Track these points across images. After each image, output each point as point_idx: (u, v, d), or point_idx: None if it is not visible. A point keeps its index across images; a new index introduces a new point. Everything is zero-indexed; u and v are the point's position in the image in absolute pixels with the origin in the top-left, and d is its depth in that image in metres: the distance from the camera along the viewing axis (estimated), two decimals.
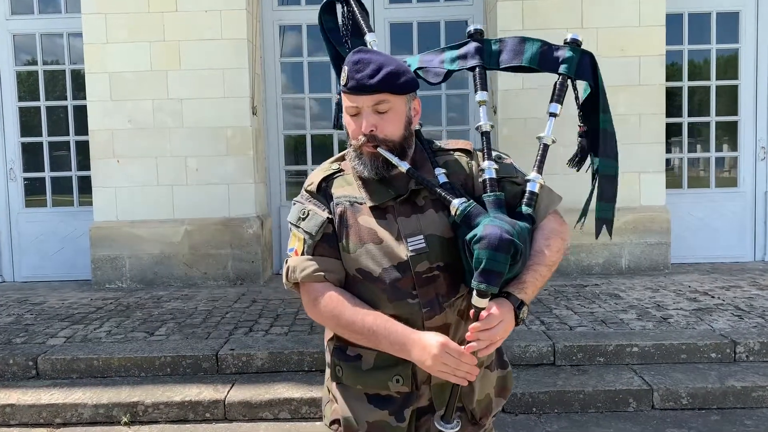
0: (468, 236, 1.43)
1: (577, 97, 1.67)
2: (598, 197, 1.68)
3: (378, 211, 1.57)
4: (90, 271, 6.09)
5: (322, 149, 6.74)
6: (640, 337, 4.01)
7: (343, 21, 1.83)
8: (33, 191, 6.62)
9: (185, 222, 5.96)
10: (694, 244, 6.31)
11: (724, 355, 3.89)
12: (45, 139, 6.53)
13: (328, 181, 1.64)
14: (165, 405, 3.59)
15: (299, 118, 6.71)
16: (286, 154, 6.64)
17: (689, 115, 6.46)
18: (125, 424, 3.54)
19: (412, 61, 1.74)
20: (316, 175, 1.66)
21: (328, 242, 1.57)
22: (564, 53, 1.62)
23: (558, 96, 1.62)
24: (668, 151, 6.37)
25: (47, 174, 6.55)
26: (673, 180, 6.40)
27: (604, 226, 1.71)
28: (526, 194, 1.57)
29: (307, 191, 1.64)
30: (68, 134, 6.53)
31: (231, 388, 3.71)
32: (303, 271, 1.55)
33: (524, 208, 1.55)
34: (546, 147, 1.61)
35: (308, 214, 1.59)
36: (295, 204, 1.65)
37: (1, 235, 6.53)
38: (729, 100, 6.46)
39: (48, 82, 6.57)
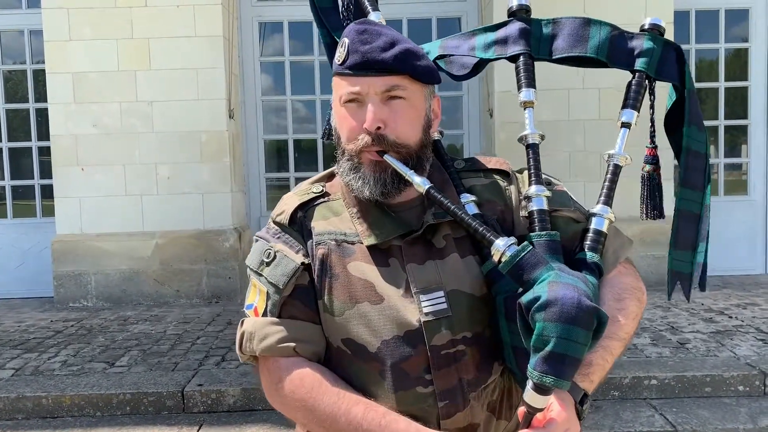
0: (526, 299, 0.98)
1: (652, 105, 1.25)
2: (671, 243, 1.26)
3: (378, 254, 1.14)
4: (52, 288, 5.62)
5: (307, 155, 6.31)
6: (658, 367, 3.60)
7: (343, 1, 1.41)
8: None
9: (156, 235, 5.49)
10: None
11: (753, 389, 3.49)
12: (5, 144, 6.04)
13: (305, 209, 1.20)
14: None
15: (281, 121, 6.27)
16: (267, 161, 6.19)
17: None
18: None
19: (431, 47, 1.32)
20: (289, 201, 1.22)
21: (303, 298, 1.15)
22: (641, 44, 1.21)
23: (634, 100, 1.21)
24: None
25: (7, 182, 6.06)
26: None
27: (679, 283, 1.26)
28: (590, 234, 1.15)
29: (275, 223, 1.20)
30: (30, 139, 6.05)
31: (198, 430, 3.26)
32: (264, 341, 1.12)
33: (589, 254, 1.13)
34: (618, 169, 1.20)
35: (275, 257, 1.15)
36: (257, 241, 1.20)
37: None
38: (738, 102, 6.09)
39: (8, 83, 6.08)
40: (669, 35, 4.88)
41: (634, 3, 5.40)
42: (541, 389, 0.97)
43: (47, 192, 5.98)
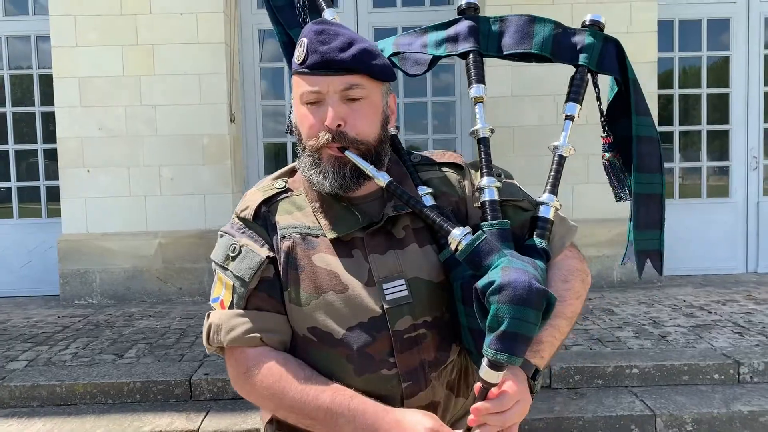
0: (481, 283, 1.04)
1: (598, 97, 1.31)
2: (636, 225, 1.31)
3: (341, 247, 1.19)
4: (58, 286, 5.78)
5: None
6: (639, 357, 3.81)
7: None
8: None
9: (159, 234, 5.67)
10: (686, 256, 6.14)
11: (728, 377, 3.71)
12: (11, 146, 6.20)
13: (269, 204, 1.25)
14: None
15: (280, 125, 6.46)
16: (266, 163, 6.37)
17: (680, 123, 6.31)
18: None
19: (385, 44, 1.36)
20: (252, 197, 1.26)
21: (268, 290, 1.19)
22: (583, 39, 1.26)
23: (576, 94, 1.27)
24: None
25: (13, 184, 6.22)
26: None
27: (649, 260, 1.31)
28: (538, 222, 1.22)
29: (239, 219, 1.24)
30: (36, 142, 6.22)
31: (205, 416, 3.44)
32: (231, 332, 1.16)
33: (537, 240, 1.19)
34: (562, 159, 1.25)
35: (240, 252, 1.19)
36: (222, 236, 1.24)
37: None
38: (720, 108, 6.33)
39: (15, 88, 6.26)
40: (653, 44, 5.10)
41: (620, 13, 5.63)
42: (495, 365, 1.03)
43: (52, 193, 6.16)
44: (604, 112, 1.34)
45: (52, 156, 6.10)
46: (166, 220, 5.66)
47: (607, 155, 1.34)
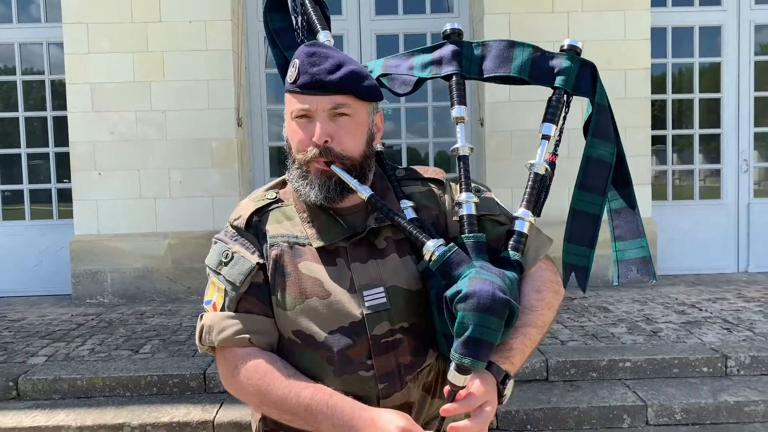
0: (450, 292, 1.13)
1: (565, 118, 1.37)
2: (566, 237, 1.37)
3: (326, 255, 1.27)
4: (69, 285, 5.96)
5: None
6: (631, 351, 4.00)
7: (294, 16, 1.50)
8: (10, 203, 6.46)
9: (168, 235, 5.86)
10: (679, 256, 6.34)
11: (716, 370, 3.89)
12: (23, 150, 6.38)
13: (261, 214, 1.33)
14: (152, 426, 3.49)
15: (278, 130, 6.63)
16: (271, 166, 6.56)
17: (673, 128, 6.51)
18: None
19: (374, 66, 1.44)
20: (245, 207, 1.35)
21: (258, 295, 1.27)
22: (560, 63, 1.33)
23: (552, 114, 1.33)
24: (654, 163, 6.42)
25: (25, 186, 6.40)
26: (657, 192, 6.43)
27: (574, 274, 1.37)
28: (514, 235, 1.29)
29: (233, 227, 1.34)
30: (47, 145, 6.40)
31: (220, 407, 3.62)
32: (222, 333, 1.24)
33: (511, 253, 1.27)
34: (537, 177, 1.32)
35: (232, 258, 1.28)
36: (216, 243, 1.34)
37: None
38: (712, 112, 6.53)
39: (27, 93, 6.43)
40: (646, 51, 5.33)
41: (615, 21, 5.82)
42: (462, 369, 1.10)
43: (62, 196, 6.33)
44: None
45: (61, 159, 6.27)
46: (175, 222, 5.84)
47: (545, 170, 1.35)
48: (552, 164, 1.35)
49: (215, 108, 5.83)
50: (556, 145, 1.36)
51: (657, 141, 6.45)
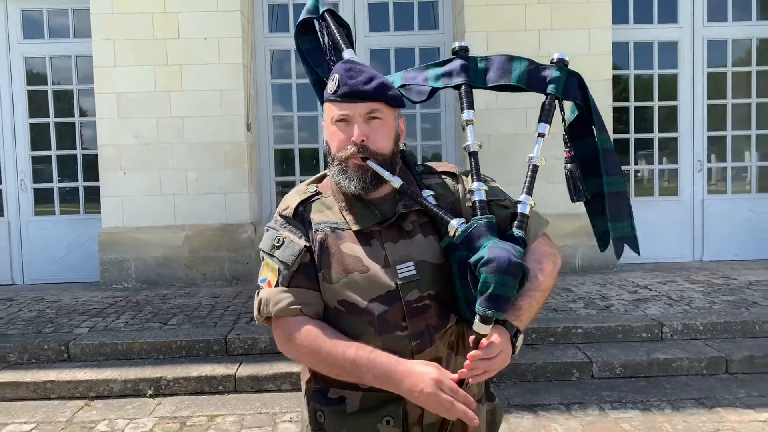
0: (473, 259, 1.33)
1: (563, 119, 1.61)
2: (611, 218, 1.60)
3: (362, 237, 1.46)
4: (95, 273, 6.68)
5: (309, 162, 7.42)
6: (584, 321, 4.76)
7: (321, 37, 1.71)
8: (42, 200, 7.18)
9: (186, 228, 6.59)
10: (641, 246, 7.05)
11: (653, 335, 4.65)
12: (54, 152, 7.10)
13: (305, 205, 1.51)
14: (184, 380, 4.23)
15: (288, 133, 7.39)
16: (276, 167, 7.30)
17: (635, 132, 7.28)
18: (150, 396, 4.16)
19: (395, 78, 1.64)
20: (292, 199, 1.54)
21: (306, 272, 1.44)
22: (551, 73, 1.55)
23: (546, 116, 1.56)
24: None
25: (55, 185, 7.12)
26: None
27: (626, 245, 1.62)
28: (518, 216, 1.50)
29: (282, 216, 1.51)
30: (75, 148, 7.12)
31: (239, 365, 4.35)
32: (277, 305, 1.42)
33: (516, 231, 1.47)
34: (536, 168, 1.55)
35: (283, 242, 1.45)
36: (268, 230, 1.51)
37: (13, 240, 7.08)
38: (670, 118, 7.29)
39: (56, 101, 7.16)
40: (608, 65, 6.28)
41: (580, 39, 6.58)
42: (485, 320, 1.29)
43: (89, 193, 7.06)
44: (566, 131, 1.62)
45: (87, 161, 7.00)
46: (191, 216, 6.57)
47: (569, 166, 1.61)
48: (572, 158, 1.60)
49: (227, 115, 6.56)
50: (566, 142, 1.61)
51: (621, 144, 7.21)
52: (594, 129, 1.59)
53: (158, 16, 6.47)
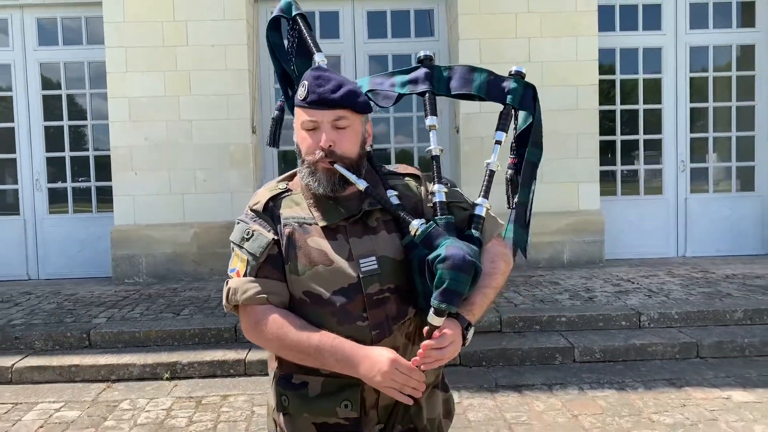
0: (431, 256, 1.42)
1: (515, 127, 1.68)
2: (512, 220, 1.70)
3: (329, 232, 1.53)
4: (107, 269, 7.04)
5: None
6: (568, 310, 5.12)
7: (288, 38, 1.78)
8: (56, 200, 7.53)
9: (194, 225, 6.94)
10: (627, 243, 7.46)
11: (632, 323, 5.01)
12: (67, 153, 7.45)
13: (275, 200, 1.57)
14: (198, 364, 4.58)
15: (290, 135, 7.71)
16: (279, 166, 7.65)
17: (622, 134, 7.64)
18: (167, 379, 4.52)
19: (363, 83, 1.71)
20: (262, 194, 1.60)
21: (273, 264, 1.50)
22: (509, 84, 1.64)
23: (503, 125, 1.65)
24: (605, 164, 7.52)
25: (69, 185, 7.46)
26: (608, 188, 7.55)
27: (518, 248, 1.70)
28: (474, 218, 1.58)
29: (252, 210, 1.57)
30: (88, 150, 7.48)
31: (249, 351, 4.70)
32: (245, 293, 1.48)
33: (473, 231, 1.56)
34: (492, 173, 1.63)
35: (252, 235, 1.52)
36: (239, 223, 1.58)
37: (29, 237, 7.43)
38: (654, 121, 7.65)
39: (70, 105, 7.51)
40: (594, 70, 6.76)
41: (568, 45, 6.94)
42: (439, 312, 1.39)
43: (101, 192, 7.42)
44: (514, 138, 1.70)
45: (99, 162, 7.36)
46: (199, 214, 6.93)
47: (510, 172, 1.71)
48: (515, 165, 1.69)
49: (233, 118, 6.92)
50: (513, 149, 1.70)
51: (608, 145, 7.57)
52: (541, 140, 1.70)
53: (168, 24, 6.83)
